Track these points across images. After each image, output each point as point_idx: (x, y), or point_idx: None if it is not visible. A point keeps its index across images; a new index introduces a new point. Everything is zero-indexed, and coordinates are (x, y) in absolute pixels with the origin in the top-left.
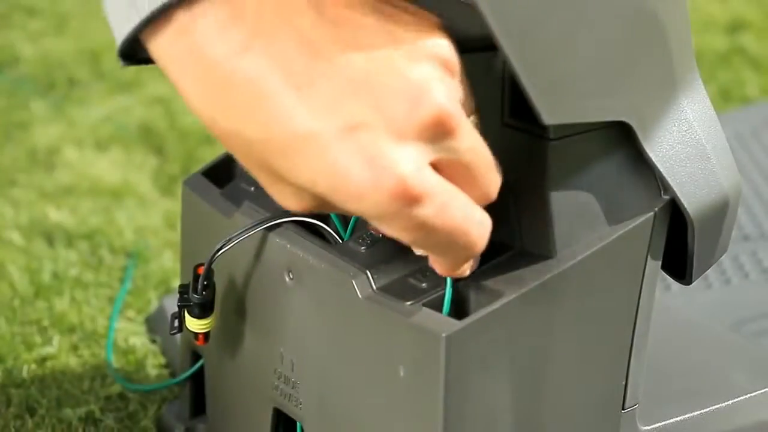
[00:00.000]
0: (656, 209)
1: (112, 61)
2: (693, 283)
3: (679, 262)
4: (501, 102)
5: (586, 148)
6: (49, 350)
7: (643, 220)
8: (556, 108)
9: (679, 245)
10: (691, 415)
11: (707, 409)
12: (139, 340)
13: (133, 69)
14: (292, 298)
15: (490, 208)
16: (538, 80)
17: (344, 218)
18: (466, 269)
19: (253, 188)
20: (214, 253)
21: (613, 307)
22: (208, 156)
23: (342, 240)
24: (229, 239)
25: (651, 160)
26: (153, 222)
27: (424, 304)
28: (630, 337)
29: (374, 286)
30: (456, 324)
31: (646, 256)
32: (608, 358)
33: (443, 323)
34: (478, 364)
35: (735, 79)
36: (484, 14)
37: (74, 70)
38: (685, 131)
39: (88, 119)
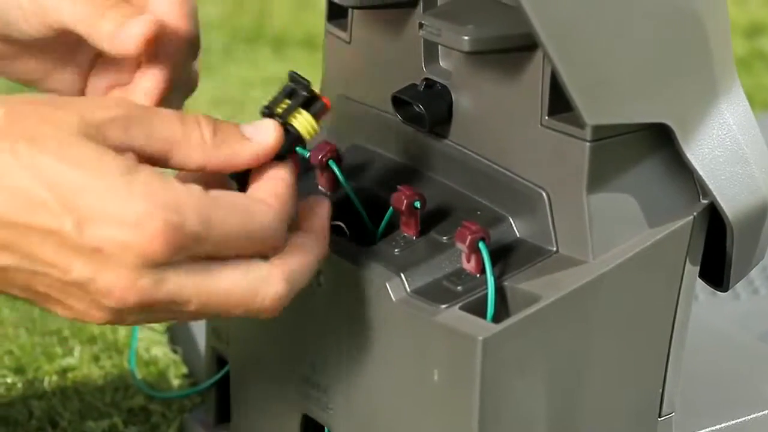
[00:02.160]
0: (695, 213)
1: None
2: (720, 294)
3: (715, 269)
4: (539, 103)
5: (625, 151)
6: (70, 361)
7: (682, 224)
8: (597, 108)
9: (716, 251)
10: (726, 425)
11: (741, 420)
12: (160, 350)
13: None
14: (322, 301)
15: (525, 209)
16: (579, 80)
17: (375, 219)
18: None
19: None
20: None
21: (651, 312)
22: None
23: (373, 242)
24: None
25: (690, 163)
26: None
27: (460, 308)
28: (668, 342)
29: (408, 289)
30: (493, 327)
31: (685, 261)
32: (646, 363)
33: (480, 326)
34: (514, 369)
35: (756, 84)
36: (527, 13)
37: None
38: (725, 135)
39: None
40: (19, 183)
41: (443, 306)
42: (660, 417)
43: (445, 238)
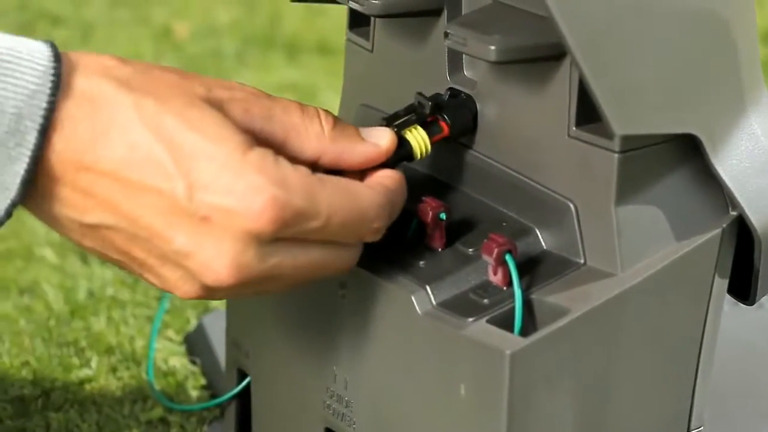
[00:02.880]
0: (724, 225)
1: None
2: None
3: (741, 282)
4: (567, 113)
5: (653, 162)
6: (87, 372)
7: (711, 236)
8: (626, 118)
9: (743, 264)
10: None
11: None
12: (179, 361)
13: None
14: (346, 313)
15: (552, 221)
16: (609, 89)
17: (400, 231)
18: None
19: None
20: None
21: (680, 326)
22: None
23: (398, 254)
24: None
25: (719, 174)
26: None
27: (487, 321)
28: (696, 356)
29: (434, 302)
30: (521, 341)
31: (714, 274)
32: (674, 377)
33: (507, 340)
34: (542, 383)
35: None
36: (557, 22)
37: None
38: (754, 146)
39: None
40: (139, 138)
41: (470, 319)
42: (689, 431)
43: (470, 250)
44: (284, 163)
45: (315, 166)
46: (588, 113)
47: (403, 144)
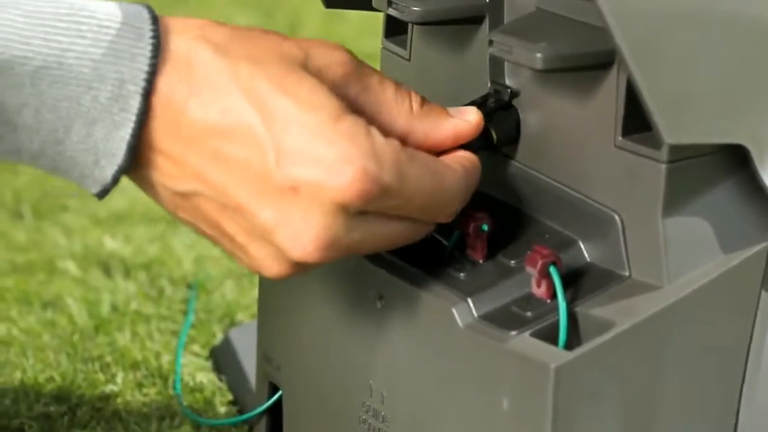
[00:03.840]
0: None
1: None
2: None
3: None
4: (613, 123)
5: (700, 173)
6: (113, 388)
7: (759, 249)
8: (677, 127)
9: None
10: None
11: None
12: (206, 376)
13: None
14: (384, 325)
15: (596, 232)
16: (661, 96)
17: (441, 243)
18: None
19: None
20: None
21: (725, 340)
22: None
23: (440, 259)
24: None
25: (767, 187)
26: (212, 251)
27: (530, 334)
28: (742, 372)
29: (475, 314)
30: (566, 355)
31: (761, 288)
32: (719, 393)
33: (552, 354)
34: (587, 397)
35: None
36: (611, 28)
37: None
38: None
39: None
40: (232, 102)
41: (513, 332)
42: None
43: (512, 262)
44: (376, 134)
45: (403, 144)
46: (635, 123)
47: (484, 131)
